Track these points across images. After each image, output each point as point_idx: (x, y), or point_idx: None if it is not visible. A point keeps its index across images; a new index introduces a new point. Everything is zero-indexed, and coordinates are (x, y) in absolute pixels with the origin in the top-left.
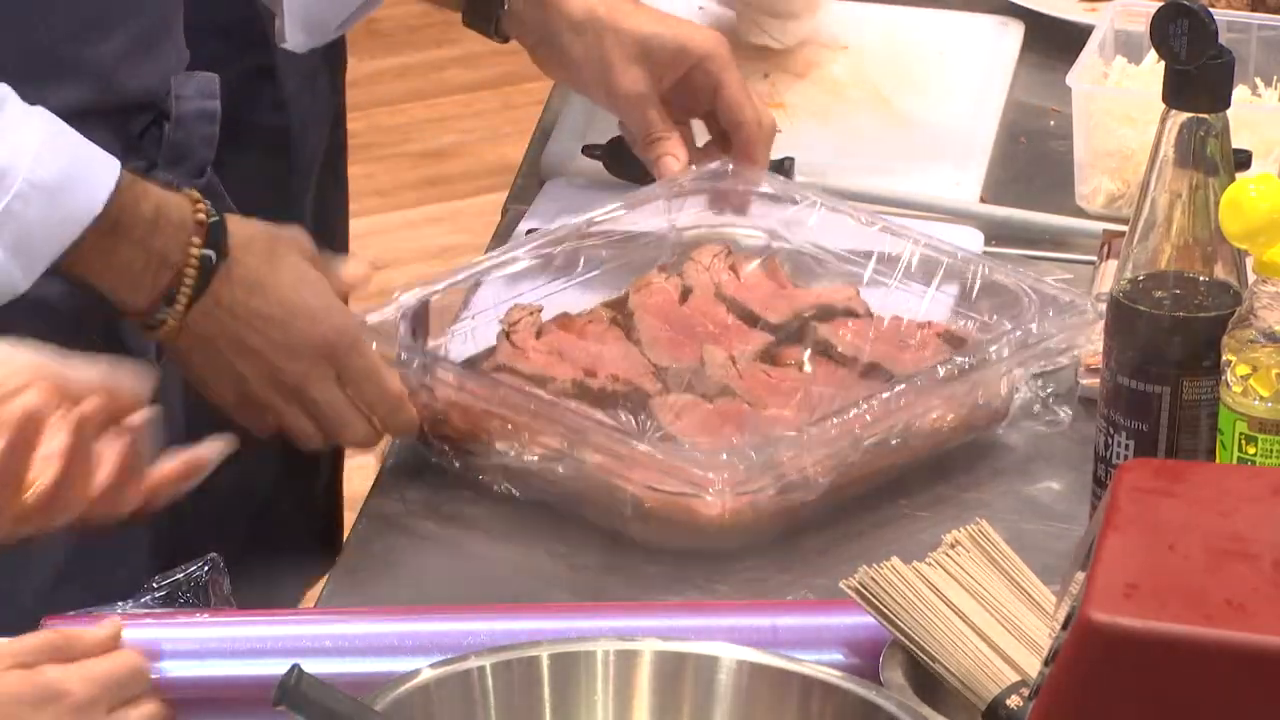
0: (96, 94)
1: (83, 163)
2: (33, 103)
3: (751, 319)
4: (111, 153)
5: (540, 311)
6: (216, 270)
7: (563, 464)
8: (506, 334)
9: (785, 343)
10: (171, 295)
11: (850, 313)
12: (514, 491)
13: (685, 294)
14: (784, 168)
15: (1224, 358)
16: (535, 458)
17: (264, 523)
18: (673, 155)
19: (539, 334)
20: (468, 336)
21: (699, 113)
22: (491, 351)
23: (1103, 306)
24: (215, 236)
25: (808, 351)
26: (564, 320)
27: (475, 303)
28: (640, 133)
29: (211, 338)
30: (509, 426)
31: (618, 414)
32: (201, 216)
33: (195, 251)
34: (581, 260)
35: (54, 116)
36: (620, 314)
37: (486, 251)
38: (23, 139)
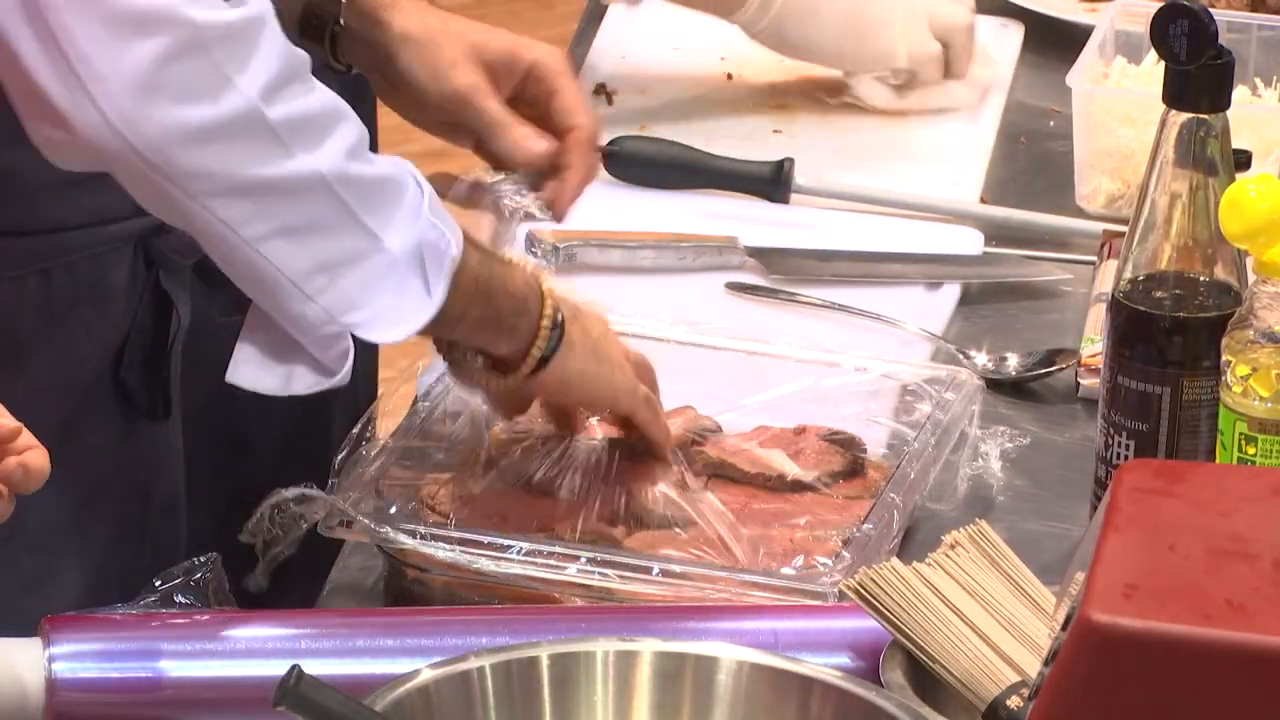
0: None
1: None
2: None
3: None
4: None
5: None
6: (559, 345)
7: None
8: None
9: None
10: (518, 363)
11: (707, 430)
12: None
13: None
14: (783, 170)
15: (1224, 358)
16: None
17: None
18: (530, 135)
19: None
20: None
21: (534, 120)
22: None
23: (1102, 307)
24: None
25: (704, 479)
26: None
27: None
28: (486, 122)
29: (562, 382)
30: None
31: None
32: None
33: (544, 324)
34: None
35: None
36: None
37: None
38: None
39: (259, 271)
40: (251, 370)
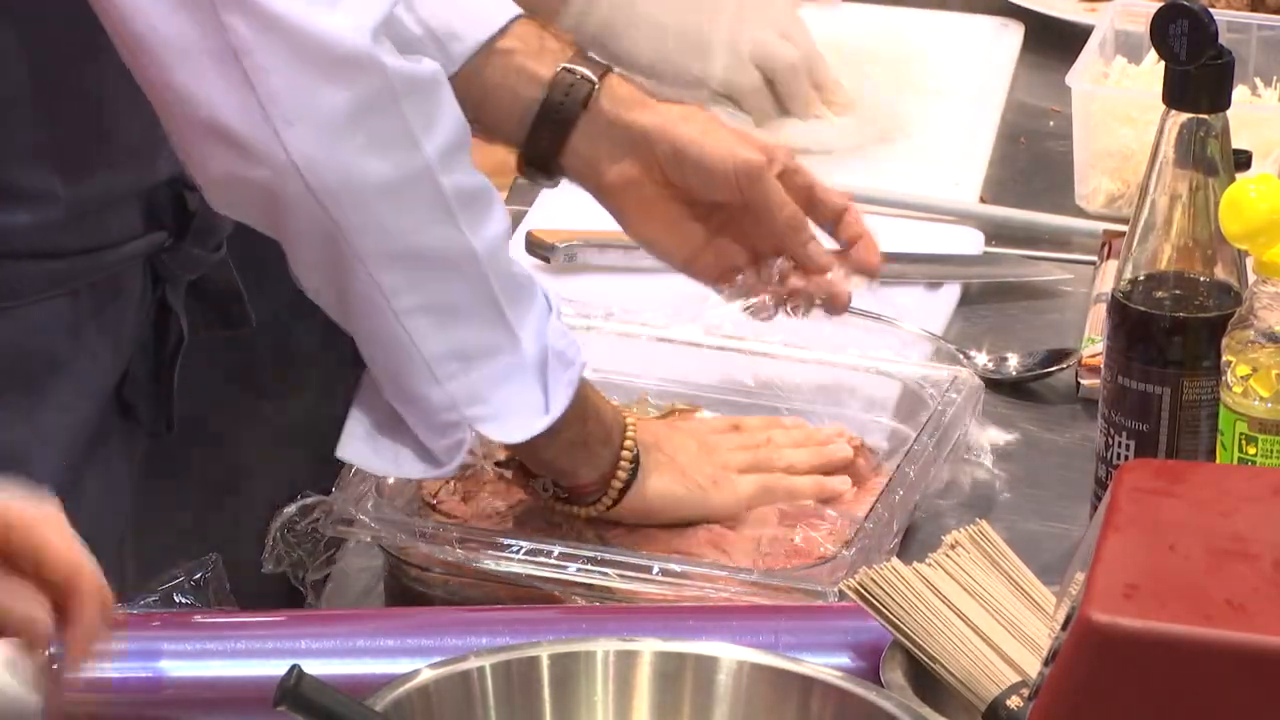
0: (135, 178)
1: None
2: (76, 189)
3: None
4: (137, 228)
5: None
6: (638, 465)
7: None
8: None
9: None
10: (603, 490)
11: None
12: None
13: None
14: None
15: (1224, 358)
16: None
17: (263, 522)
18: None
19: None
20: None
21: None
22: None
23: (1102, 307)
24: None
25: None
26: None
27: None
28: (774, 202)
29: (654, 444)
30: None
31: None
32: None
33: (625, 454)
34: None
35: None
36: None
37: None
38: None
39: (398, 345)
40: (361, 447)
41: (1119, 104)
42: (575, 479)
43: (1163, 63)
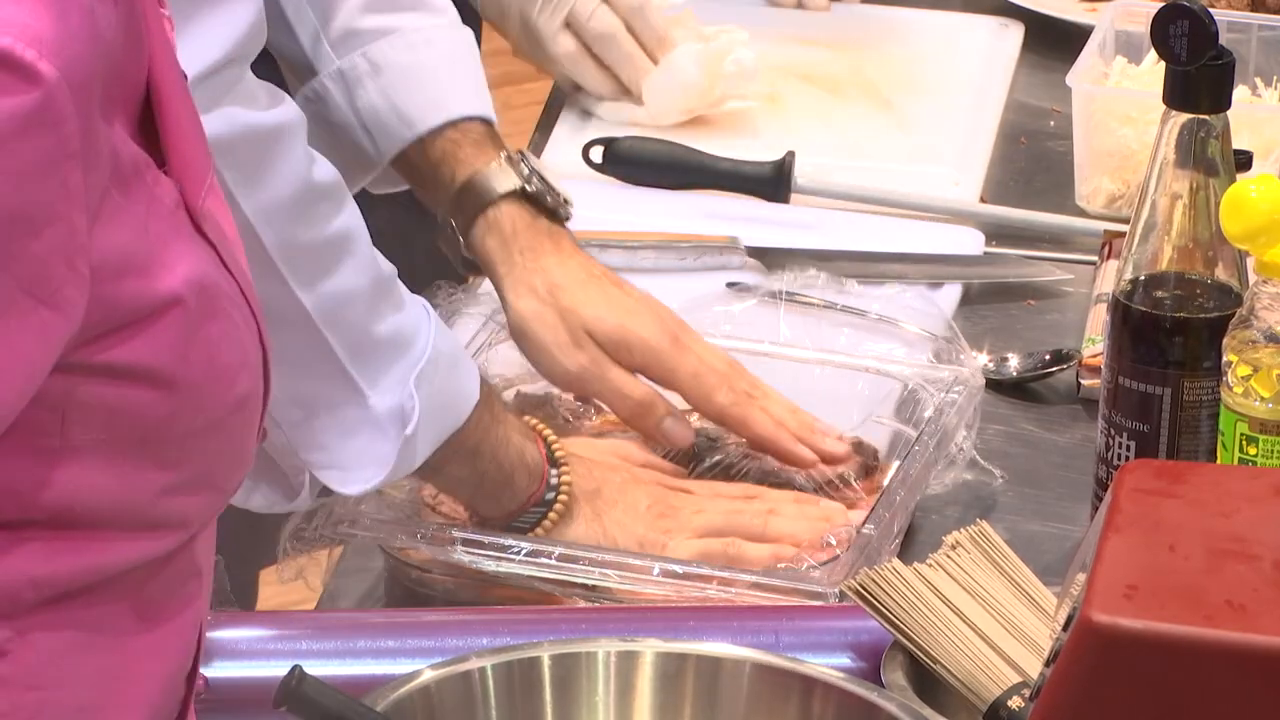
0: None
1: (459, 344)
2: None
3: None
4: None
5: None
6: (570, 498)
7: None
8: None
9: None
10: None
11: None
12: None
13: None
14: (784, 166)
15: (1225, 358)
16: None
17: (263, 521)
18: (676, 425)
19: None
20: None
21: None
22: None
23: (1102, 307)
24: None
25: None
26: None
27: None
28: (611, 402)
29: (595, 492)
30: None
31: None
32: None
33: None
34: None
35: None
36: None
37: None
38: (421, 309)
39: None
40: None
41: (1119, 104)
42: (477, 511)
43: (1163, 63)
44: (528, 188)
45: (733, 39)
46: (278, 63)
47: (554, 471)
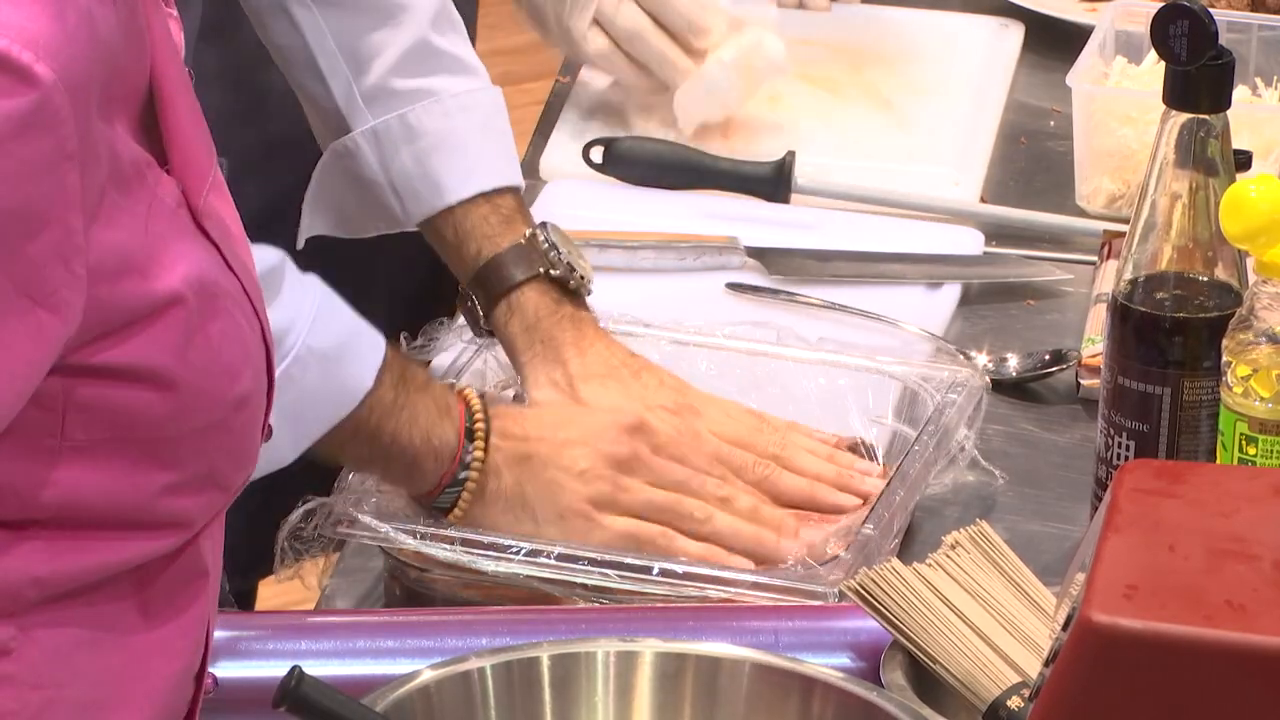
0: None
1: (353, 334)
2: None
3: None
4: None
5: None
6: (488, 451)
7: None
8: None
9: None
10: (466, 462)
11: None
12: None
13: None
14: (785, 166)
15: (1224, 359)
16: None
17: (264, 520)
18: None
19: None
20: None
21: None
22: None
23: (1102, 307)
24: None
25: None
26: None
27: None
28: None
29: (525, 457)
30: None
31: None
32: (469, 395)
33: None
34: None
35: (325, 285)
36: None
37: None
38: (301, 304)
39: None
40: None
41: (1119, 104)
42: (388, 483)
43: (1163, 63)
44: (552, 272)
45: (760, 30)
46: (304, 110)
47: (468, 447)
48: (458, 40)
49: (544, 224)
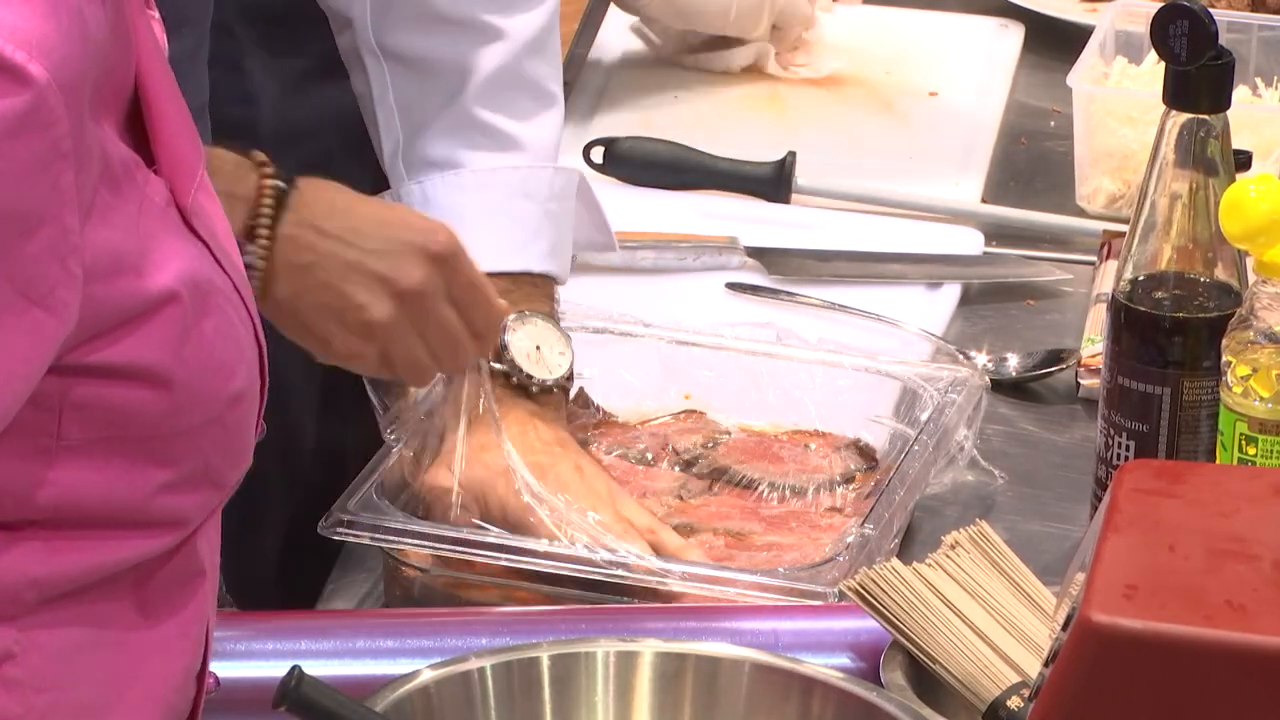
0: None
1: None
2: None
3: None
4: None
5: None
6: (289, 198)
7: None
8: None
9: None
10: (251, 230)
11: (720, 435)
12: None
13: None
14: (785, 167)
15: (1224, 359)
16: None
17: (264, 520)
18: None
19: None
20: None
21: None
22: None
23: (1102, 307)
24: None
25: (708, 483)
26: None
27: None
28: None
29: (307, 266)
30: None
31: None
32: (262, 157)
33: (267, 182)
34: None
35: None
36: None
37: None
38: None
39: None
40: None
41: (1119, 104)
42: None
43: (1163, 63)
44: (495, 366)
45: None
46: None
47: (249, 247)
48: (524, 100)
49: (522, 314)
